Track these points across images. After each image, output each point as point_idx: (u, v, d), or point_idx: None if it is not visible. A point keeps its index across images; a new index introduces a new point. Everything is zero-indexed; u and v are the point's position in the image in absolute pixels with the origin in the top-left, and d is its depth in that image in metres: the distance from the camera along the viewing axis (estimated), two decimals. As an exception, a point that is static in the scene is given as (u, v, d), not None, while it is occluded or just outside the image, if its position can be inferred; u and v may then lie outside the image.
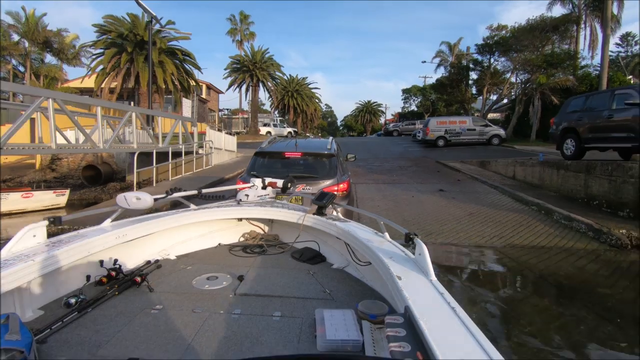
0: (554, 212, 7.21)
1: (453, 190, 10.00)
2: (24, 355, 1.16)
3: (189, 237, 2.75)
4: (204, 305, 1.82)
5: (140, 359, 1.39)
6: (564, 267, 5.20)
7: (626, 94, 8.40)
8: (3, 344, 1.14)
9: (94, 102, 9.53)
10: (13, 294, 1.64)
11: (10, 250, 1.79)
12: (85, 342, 1.50)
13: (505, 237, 6.30)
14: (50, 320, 1.60)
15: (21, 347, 1.16)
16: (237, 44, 43.31)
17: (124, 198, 2.27)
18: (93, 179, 15.41)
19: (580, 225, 6.45)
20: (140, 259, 2.39)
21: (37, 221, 1.93)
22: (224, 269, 2.32)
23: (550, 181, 9.10)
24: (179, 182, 10.87)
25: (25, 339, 1.21)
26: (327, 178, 4.95)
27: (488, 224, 7.00)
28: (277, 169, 5.23)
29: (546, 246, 5.94)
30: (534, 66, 21.29)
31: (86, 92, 30.94)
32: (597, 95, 9.61)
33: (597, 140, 8.92)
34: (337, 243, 2.48)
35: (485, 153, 17.64)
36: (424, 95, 42.14)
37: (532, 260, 5.46)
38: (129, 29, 20.29)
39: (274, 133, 35.06)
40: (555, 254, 5.67)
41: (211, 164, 14.64)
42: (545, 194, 8.75)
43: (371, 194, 9.65)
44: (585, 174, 7.76)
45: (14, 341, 1.17)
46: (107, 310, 1.77)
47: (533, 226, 6.81)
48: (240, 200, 2.98)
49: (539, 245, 6.00)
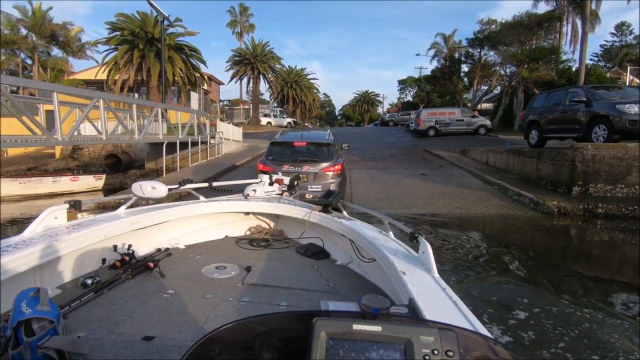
0: (509, 190, 8.95)
1: (433, 174, 11.70)
2: (53, 325, 1.23)
3: (197, 227, 2.87)
4: (213, 292, 1.90)
5: (156, 337, 1.48)
6: (502, 226, 6.95)
7: (575, 92, 10.07)
8: (35, 314, 1.20)
9: (130, 100, 11.13)
10: (34, 271, 1.73)
11: (33, 230, 1.90)
12: (103, 319, 1.58)
13: (465, 208, 8.04)
14: (69, 298, 1.69)
15: (52, 317, 1.23)
16: (237, 35, 44.31)
17: (139, 187, 2.40)
18: (114, 166, 17.01)
19: (525, 199, 8.19)
20: (151, 246, 2.50)
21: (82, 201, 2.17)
22: (232, 260, 2.40)
23: (513, 166, 10.82)
24: (197, 169, 12.54)
25: (54, 311, 1.27)
26: (326, 161, 6.67)
27: (455, 199, 8.73)
28: (288, 155, 6.93)
29: (495, 214, 7.70)
30: (518, 60, 22.82)
31: (91, 84, 32.37)
32: (556, 92, 11.25)
33: (554, 131, 10.60)
34: (341, 240, 2.56)
35: (470, 142, 19.23)
36: (419, 86, 43.53)
37: (480, 222, 7.21)
38: (139, 26, 21.65)
39: (274, 123, 36.58)
40: (500, 219, 7.43)
41: (222, 152, 16.25)
42: (508, 176, 10.47)
43: (363, 177, 11.34)
44: (537, 160, 9.47)
45: (45, 312, 1.22)
46: (121, 292, 1.86)
47: (490, 200, 8.55)
48: (247, 195, 3.10)
49: (490, 213, 7.75)
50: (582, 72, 20.74)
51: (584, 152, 7.94)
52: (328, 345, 0.65)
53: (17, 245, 1.66)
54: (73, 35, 37.09)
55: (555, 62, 22.88)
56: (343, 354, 0.65)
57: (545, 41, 25.67)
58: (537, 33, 24.41)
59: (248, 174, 11.10)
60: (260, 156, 15.22)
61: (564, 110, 10.15)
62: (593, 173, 7.91)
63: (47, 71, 36.19)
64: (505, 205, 8.21)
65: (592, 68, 22.16)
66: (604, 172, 7.84)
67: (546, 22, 23.41)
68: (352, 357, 0.65)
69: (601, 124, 8.78)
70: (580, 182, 7.97)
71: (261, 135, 25.35)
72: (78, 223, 2.07)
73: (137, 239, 2.33)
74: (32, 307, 1.23)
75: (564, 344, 3.15)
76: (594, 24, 23.69)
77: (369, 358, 0.65)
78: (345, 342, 0.66)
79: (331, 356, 0.64)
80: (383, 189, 9.87)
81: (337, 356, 0.65)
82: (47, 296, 1.31)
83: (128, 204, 2.47)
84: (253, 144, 19.74)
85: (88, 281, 1.86)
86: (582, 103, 9.45)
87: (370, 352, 0.65)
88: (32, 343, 1.17)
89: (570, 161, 8.10)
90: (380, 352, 0.65)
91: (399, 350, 0.65)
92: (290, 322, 0.83)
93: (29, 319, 1.19)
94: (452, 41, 37.22)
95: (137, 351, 1.39)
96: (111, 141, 9.46)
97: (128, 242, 2.24)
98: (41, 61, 36.43)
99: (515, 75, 24.03)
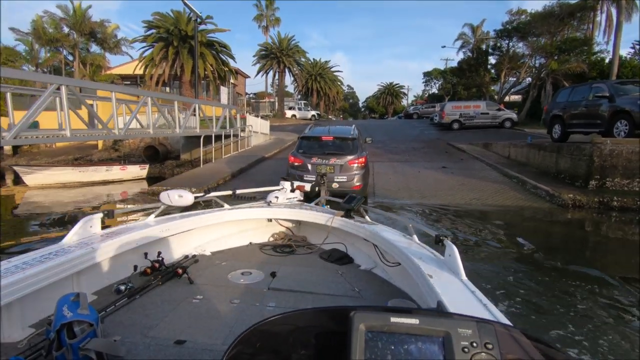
0: (527, 183, 9.29)
1: (454, 167, 12.09)
2: (93, 328, 1.31)
3: (222, 234, 2.96)
4: (240, 297, 1.97)
5: (188, 341, 1.53)
6: (515, 216, 7.40)
7: (599, 88, 10.16)
8: (76, 317, 1.28)
9: (172, 97, 12.15)
10: (72, 278, 1.80)
11: (71, 238, 1.98)
12: (136, 324, 1.65)
13: (482, 199, 8.49)
14: (104, 304, 1.76)
15: (91, 320, 1.31)
16: (263, 29, 45.20)
17: (167, 196, 2.47)
18: (152, 157, 18.33)
19: (542, 192, 8.54)
20: (179, 253, 2.58)
21: (130, 188, 3.12)
22: (257, 266, 2.46)
23: (534, 160, 11.06)
24: (230, 160, 13.49)
25: (93, 314, 1.35)
26: (351, 154, 7.32)
27: (473, 191, 9.17)
28: (316, 148, 7.63)
29: (511, 205, 8.12)
30: (547, 52, 22.34)
31: (126, 78, 34.27)
32: (580, 87, 11.32)
33: (576, 125, 10.73)
34: (364, 245, 2.57)
35: (494, 136, 19.21)
36: (445, 78, 42.96)
37: (495, 213, 7.68)
38: (173, 24, 22.85)
39: (298, 116, 37.33)
40: (515, 210, 7.86)
41: (251, 145, 17.18)
42: (528, 170, 10.74)
43: (386, 170, 11.90)
44: (557, 154, 9.71)
45: (85, 315, 1.30)
46: (153, 298, 1.93)
47: (507, 193, 8.94)
48: (270, 202, 3.15)
49: (506, 205, 8.17)
50: (615, 64, 20.12)
51: (602, 147, 8.18)
52: (367, 338, 0.66)
53: (58, 252, 1.77)
54: (110, 32, 39.12)
55: (587, 54, 22.23)
56: (382, 347, 0.65)
57: (578, 31, 24.85)
58: (569, 23, 23.70)
59: (277, 165, 11.98)
60: (286, 149, 16.06)
61: (587, 105, 10.27)
62: (610, 167, 8.14)
63: (86, 67, 38.45)
64: (521, 197, 8.59)
65: (627, 60, 21.38)
66: (622, 166, 8.06)
67: (579, 11, 22.70)
68: (391, 349, 0.65)
69: (623, 119, 8.92)
70: (598, 176, 8.23)
71: (286, 128, 26.16)
72: (111, 231, 2.18)
73: (165, 246, 2.44)
74: (72, 311, 1.30)
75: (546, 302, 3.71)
76: (630, 12, 22.76)
77: (408, 350, 0.65)
78: (384, 334, 0.66)
79: (370, 349, 0.65)
80: (404, 181, 10.41)
81: (377, 348, 0.65)
82: (87, 300, 1.37)
83: (157, 212, 2.57)
84: (279, 137, 20.56)
85: (121, 287, 1.97)
86: (605, 98, 9.55)
87: (409, 345, 0.65)
88: (74, 345, 1.25)
89: (588, 156, 8.35)
90: (418, 344, 0.65)
91: (438, 342, 0.65)
92: (327, 317, 0.83)
93: (70, 322, 1.27)
94: (480, 32, 36.47)
95: (170, 354, 1.46)
96: (157, 134, 10.45)
97: (157, 249, 2.33)
98: (81, 57, 38.71)
99: (543, 67, 23.53)
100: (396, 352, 0.65)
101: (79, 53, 38.83)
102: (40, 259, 1.68)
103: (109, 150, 21.44)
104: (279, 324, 0.80)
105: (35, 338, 1.53)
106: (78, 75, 36.54)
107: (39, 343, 1.44)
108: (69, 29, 37.07)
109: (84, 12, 36.61)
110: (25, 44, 35.69)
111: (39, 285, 1.58)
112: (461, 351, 0.64)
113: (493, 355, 0.64)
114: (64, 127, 6.59)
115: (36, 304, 1.66)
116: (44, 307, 1.67)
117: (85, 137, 8.60)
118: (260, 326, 0.77)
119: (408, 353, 0.65)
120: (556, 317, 3.60)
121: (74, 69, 38.29)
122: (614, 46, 20.36)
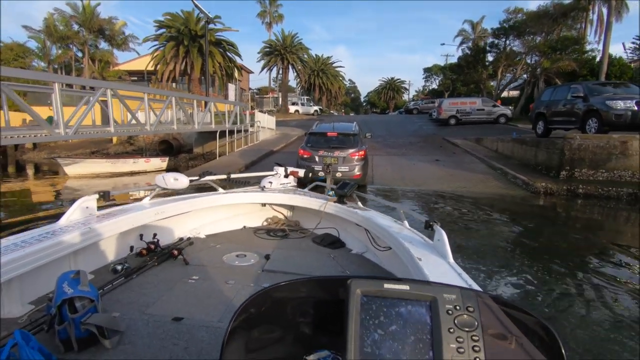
0: (508, 174, 10.50)
1: (446, 160, 13.28)
2: (94, 303, 1.35)
3: (217, 218, 2.99)
4: (235, 278, 2.03)
5: (185, 318, 1.60)
6: (492, 201, 8.63)
7: (576, 88, 11.30)
8: (78, 293, 1.32)
9: (191, 96, 13.37)
10: (69, 257, 1.89)
11: (68, 218, 2.04)
12: (134, 302, 1.74)
13: (468, 187, 9.71)
14: (101, 283, 1.83)
15: (92, 296, 1.36)
16: (267, 25, 46.08)
17: (162, 178, 2.47)
18: (166, 151, 19.60)
19: (519, 181, 9.75)
20: (174, 235, 2.63)
21: (149, 180, 3.41)
22: (251, 249, 2.50)
23: (517, 153, 12.24)
24: (242, 153, 14.72)
25: (93, 291, 1.40)
26: (352, 147, 8.56)
27: (460, 180, 10.38)
28: (322, 142, 8.85)
29: (491, 192, 9.34)
30: (540, 51, 23.37)
31: (134, 75, 35.53)
32: (560, 87, 12.48)
33: (557, 122, 11.90)
34: (356, 230, 2.64)
35: (489, 131, 20.12)
36: (445, 74, 43.92)
37: (475, 197, 8.90)
38: (182, 24, 23.98)
39: (301, 111, 38.47)
40: (494, 196, 9.09)
41: (259, 139, 18.38)
42: (512, 162, 11.93)
43: (383, 162, 13.10)
44: (536, 148, 10.90)
45: (86, 291, 1.35)
46: (149, 278, 2.01)
47: (490, 182, 10.16)
48: (264, 187, 3.20)
49: (486, 191, 9.39)
50: (604, 63, 21.07)
51: (572, 141, 9.36)
52: (362, 301, 0.74)
53: (55, 232, 1.80)
54: (117, 29, 40.12)
55: (579, 52, 23.23)
56: (376, 309, 0.73)
57: (572, 31, 25.81)
58: (563, 23, 24.67)
59: (285, 158, 13.24)
60: (292, 143, 17.29)
61: (565, 104, 11.43)
62: (579, 160, 9.33)
63: (95, 63, 39.54)
64: (502, 185, 9.81)
65: (616, 59, 22.38)
66: (588, 159, 9.25)
67: (571, 11, 23.67)
68: (384, 311, 0.73)
69: (594, 117, 10.08)
70: (568, 167, 9.43)
71: (290, 123, 27.27)
72: (107, 212, 2.22)
73: (161, 229, 2.49)
74: (73, 288, 1.32)
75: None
76: (620, 12, 23.70)
77: (399, 312, 0.73)
78: (377, 298, 0.74)
79: (365, 311, 0.73)
80: (399, 172, 11.63)
81: (371, 310, 0.73)
82: (87, 277, 1.39)
83: (152, 194, 2.61)
84: (285, 132, 21.73)
85: (118, 267, 2.02)
86: (580, 98, 10.71)
87: (399, 308, 0.73)
88: (76, 319, 1.28)
89: (560, 149, 9.54)
90: (408, 307, 0.73)
91: (425, 306, 0.73)
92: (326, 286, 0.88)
93: (72, 297, 1.30)
94: (480, 28, 37.36)
95: (169, 330, 1.49)
96: (180, 130, 11.65)
97: (153, 231, 2.40)
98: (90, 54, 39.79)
99: (537, 65, 24.56)
100: (388, 314, 0.72)
101: (88, 50, 39.90)
102: (38, 238, 1.72)
103: (124, 144, 22.65)
104: (284, 291, 0.85)
105: (35, 314, 1.57)
106: (87, 71, 37.67)
107: (39, 319, 1.48)
108: (78, 26, 38.08)
109: (92, 9, 37.64)
110: (38, 41, 36.78)
111: (37, 264, 1.61)
112: (446, 313, 0.71)
113: (474, 317, 0.71)
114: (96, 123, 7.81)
115: (35, 281, 1.70)
116: (42, 285, 1.72)
117: (125, 132, 9.85)
118: (266, 291, 0.82)
119: (399, 314, 0.72)
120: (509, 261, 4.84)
121: (83, 65, 39.36)
122: (604, 45, 21.34)
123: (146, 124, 9.21)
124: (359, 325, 0.71)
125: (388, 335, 0.70)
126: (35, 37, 36.34)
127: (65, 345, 1.31)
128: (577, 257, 5.33)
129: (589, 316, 3.58)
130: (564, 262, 4.97)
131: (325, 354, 0.82)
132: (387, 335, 0.70)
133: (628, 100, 9.31)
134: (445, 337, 0.68)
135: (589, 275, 4.54)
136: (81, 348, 1.32)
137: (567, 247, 5.73)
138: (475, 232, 6.34)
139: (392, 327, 0.71)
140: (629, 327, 3.32)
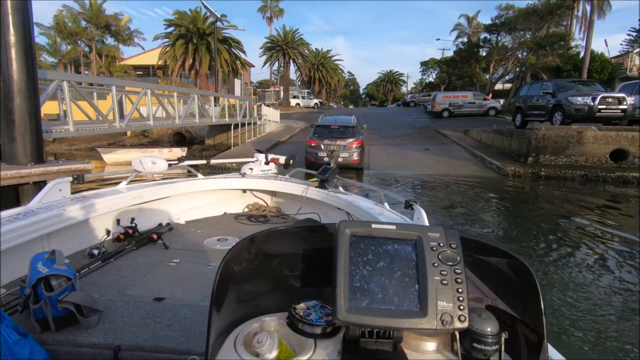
0: (485, 160, 12.20)
1: (435, 149, 14.96)
2: (71, 282, 1.30)
3: (197, 204, 3.00)
4: (217, 261, 1.86)
5: (167, 298, 1.56)
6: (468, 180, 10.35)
7: (546, 85, 12.93)
8: (53, 271, 1.28)
9: (209, 93, 15.02)
10: (42, 240, 1.83)
11: (39, 201, 1.98)
12: (113, 284, 1.69)
13: (449, 172, 11.42)
14: (77, 267, 1.74)
15: (69, 275, 1.31)
16: (267, 20, 47.32)
17: (139, 162, 2.49)
18: (179, 142, 21.24)
19: (493, 166, 11.45)
20: (152, 221, 2.63)
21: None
22: (232, 234, 2.53)
23: (496, 143, 13.93)
24: (252, 143, 16.36)
25: (70, 270, 1.34)
26: (351, 137, 10.30)
27: (444, 166, 12.09)
28: (326, 133, 10.57)
29: (468, 174, 11.05)
30: (528, 47, 24.90)
31: (139, 69, 37.01)
32: (535, 84, 14.12)
33: (531, 115, 13.55)
34: (338, 214, 2.66)
35: (478, 123, 21.62)
36: (441, 68, 45.33)
37: (454, 178, 10.60)
38: (191, 23, 25.43)
39: (302, 104, 39.96)
40: (470, 177, 10.80)
41: (265, 132, 19.99)
42: (491, 151, 13.62)
43: (379, 151, 14.77)
44: (510, 138, 12.58)
45: (62, 270, 1.30)
46: (128, 261, 1.97)
47: (469, 167, 11.87)
48: (244, 173, 3.18)
49: (465, 174, 11.10)
50: (587, 59, 22.60)
51: (538, 132, 11.04)
52: (351, 241, 0.77)
53: (26, 214, 1.75)
54: (123, 24, 41.36)
55: (564, 49, 24.73)
56: (364, 247, 0.77)
57: (560, 27, 27.26)
58: (550, 20, 26.12)
59: (292, 148, 14.96)
60: (296, 134, 18.97)
61: (537, 99, 13.07)
62: (543, 147, 11.02)
63: (102, 58, 40.83)
64: (478, 170, 11.52)
65: (598, 54, 23.90)
66: (550, 147, 10.94)
67: (558, 9, 25.12)
68: (371, 249, 0.76)
69: (559, 111, 11.73)
70: (534, 153, 11.12)
71: (292, 116, 28.77)
72: (82, 196, 2.14)
73: (139, 214, 2.44)
74: (48, 267, 1.30)
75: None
76: (604, 9, 25.15)
77: (386, 250, 0.77)
78: (365, 238, 0.77)
79: (354, 249, 0.76)
80: (392, 159, 13.33)
81: (359, 248, 0.76)
82: (63, 257, 1.36)
83: (129, 179, 2.56)
84: (288, 124, 23.30)
85: (94, 251, 1.98)
86: (549, 94, 12.34)
87: (386, 246, 0.77)
88: (53, 298, 1.24)
89: (527, 139, 11.22)
90: (395, 245, 0.77)
91: (411, 244, 0.77)
92: (315, 233, 0.90)
93: (47, 276, 1.27)
94: (476, 22, 38.67)
95: (150, 310, 1.46)
96: (201, 123, 13.24)
97: (130, 216, 2.36)
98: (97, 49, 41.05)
99: (525, 61, 26.10)
100: (376, 252, 0.76)
101: (95, 45, 41.16)
102: (8, 219, 1.66)
103: (138, 136, 24.24)
104: (273, 237, 0.88)
105: (6, 298, 1.49)
106: (95, 66, 39.06)
107: (11, 301, 1.41)
108: (86, 23, 39.32)
109: (99, 6, 38.84)
110: (48, 37, 38.06)
111: (7, 245, 1.55)
112: (430, 250, 0.74)
113: (456, 252, 0.75)
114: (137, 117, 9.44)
115: (5, 264, 1.59)
116: (14, 268, 1.64)
117: (160, 125, 11.54)
118: (252, 238, 0.84)
119: (386, 252, 0.76)
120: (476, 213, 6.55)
121: (90, 60, 40.68)
122: (586, 42, 22.86)
123: (175, 117, 10.86)
124: (348, 262, 0.74)
125: (376, 271, 0.74)
126: (46, 34, 37.60)
127: (41, 325, 1.26)
128: (533, 219, 7.08)
129: (551, 253, 5.31)
130: (518, 220, 6.72)
131: (313, 303, 0.85)
132: (375, 271, 0.74)
133: (586, 97, 10.96)
134: (430, 270, 0.72)
135: (540, 227, 6.31)
136: (58, 327, 1.27)
137: (525, 214, 7.49)
138: (457, 204, 8.07)
139: (380, 264, 0.75)
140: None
